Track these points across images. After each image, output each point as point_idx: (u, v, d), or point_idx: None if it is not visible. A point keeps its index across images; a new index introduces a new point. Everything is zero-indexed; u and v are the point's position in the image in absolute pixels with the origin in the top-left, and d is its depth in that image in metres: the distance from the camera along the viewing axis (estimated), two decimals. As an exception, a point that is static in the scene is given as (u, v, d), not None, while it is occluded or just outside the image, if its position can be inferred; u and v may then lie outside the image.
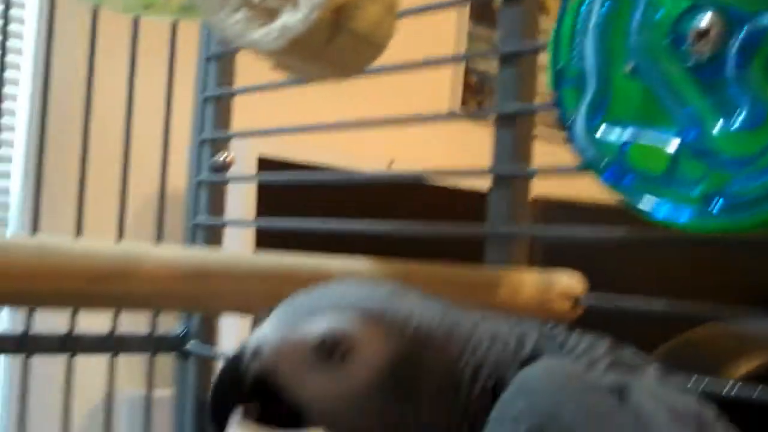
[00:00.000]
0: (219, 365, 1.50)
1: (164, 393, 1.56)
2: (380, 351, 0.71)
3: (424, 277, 0.96)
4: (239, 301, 0.83)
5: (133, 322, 1.66)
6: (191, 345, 1.54)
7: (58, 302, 0.75)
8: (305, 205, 1.47)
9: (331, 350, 0.72)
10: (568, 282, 1.05)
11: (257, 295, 0.85)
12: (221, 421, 0.75)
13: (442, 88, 3.39)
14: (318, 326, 0.72)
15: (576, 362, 0.74)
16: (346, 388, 0.72)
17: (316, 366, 0.72)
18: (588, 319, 1.03)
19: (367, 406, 0.72)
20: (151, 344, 1.53)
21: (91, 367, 1.57)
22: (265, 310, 0.82)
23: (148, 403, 1.52)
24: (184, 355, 1.54)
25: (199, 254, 0.81)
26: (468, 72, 3.43)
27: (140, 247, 0.79)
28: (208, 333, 1.55)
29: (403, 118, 1.28)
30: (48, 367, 2.27)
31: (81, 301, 0.76)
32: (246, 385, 0.73)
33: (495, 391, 0.71)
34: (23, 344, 1.40)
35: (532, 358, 0.72)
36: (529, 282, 1.02)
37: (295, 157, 2.24)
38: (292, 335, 0.73)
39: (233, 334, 1.86)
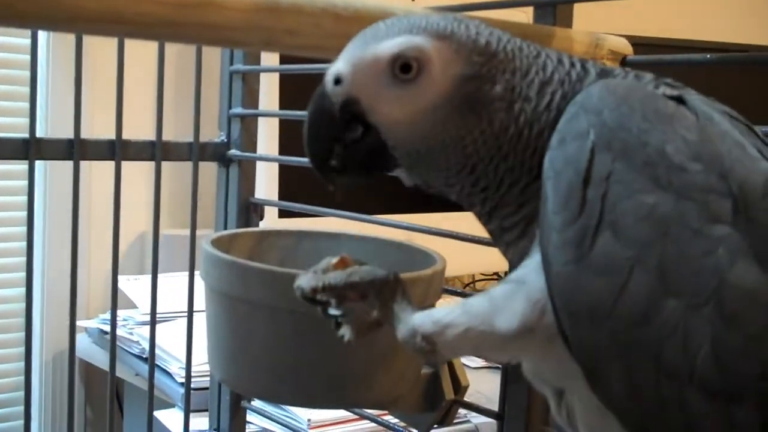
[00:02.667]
0: (259, 171, 1.55)
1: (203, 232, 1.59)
2: (451, 64, 0.75)
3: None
4: (313, 38, 0.85)
5: (176, 132, 1.70)
6: (232, 152, 1.57)
7: (144, 28, 0.77)
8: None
9: (405, 66, 0.75)
10: (617, 42, 1.08)
11: (330, 34, 0.87)
12: (321, 156, 0.80)
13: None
14: (391, 45, 0.75)
15: (632, 81, 0.77)
16: (421, 101, 0.75)
17: (392, 83, 0.76)
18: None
19: (440, 118, 0.75)
20: (195, 151, 1.55)
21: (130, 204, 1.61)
22: (336, 50, 0.84)
23: (194, 207, 1.56)
24: (226, 162, 1.58)
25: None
26: None
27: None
28: (247, 140, 1.58)
29: None
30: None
31: (166, 28, 0.78)
32: (335, 113, 0.77)
33: (560, 109, 0.75)
34: (72, 150, 1.43)
35: (588, 83, 0.76)
36: (579, 39, 1.05)
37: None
38: (367, 56, 0.76)
39: (267, 141, 1.90)
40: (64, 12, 0.77)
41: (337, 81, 0.77)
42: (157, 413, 1.94)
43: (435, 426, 1.27)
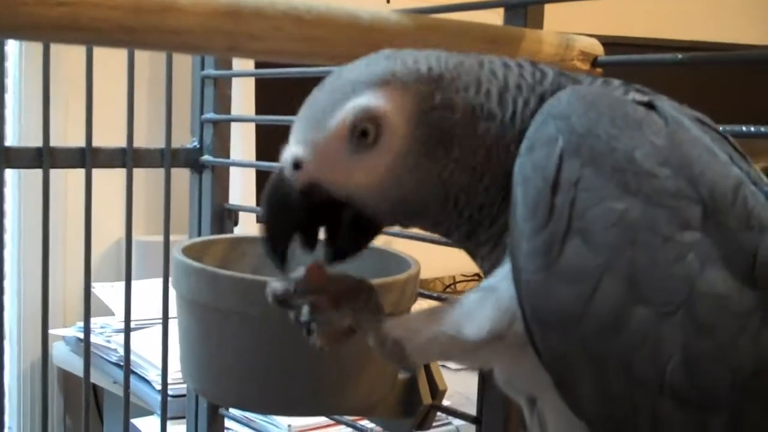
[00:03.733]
0: (231, 175, 1.53)
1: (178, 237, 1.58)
2: (405, 106, 0.72)
3: (449, 30, 0.98)
4: (276, 42, 0.84)
5: (149, 138, 1.68)
6: (205, 157, 1.56)
7: (103, 35, 0.76)
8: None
9: (363, 132, 0.72)
10: (588, 43, 1.08)
11: (294, 38, 0.86)
12: (282, 253, 0.76)
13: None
14: (342, 117, 0.72)
15: (600, 88, 0.76)
16: (389, 160, 0.72)
17: (354, 151, 0.72)
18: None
19: (411, 164, 0.73)
20: (167, 158, 1.54)
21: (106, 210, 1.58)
22: (299, 54, 0.83)
23: (167, 214, 1.55)
24: (199, 168, 1.56)
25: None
26: None
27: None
28: (220, 145, 1.56)
29: None
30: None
31: (125, 34, 0.76)
32: (296, 199, 0.74)
33: (524, 117, 0.73)
34: (42, 158, 1.41)
35: (554, 89, 0.74)
36: (549, 41, 1.04)
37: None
38: (321, 136, 0.73)
39: (243, 146, 1.88)
40: (21, 20, 0.75)
41: (296, 165, 0.73)
42: (135, 420, 1.92)
43: (413, 431, 1.26)
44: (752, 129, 0.90)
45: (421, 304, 1.17)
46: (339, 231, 0.77)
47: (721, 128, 0.75)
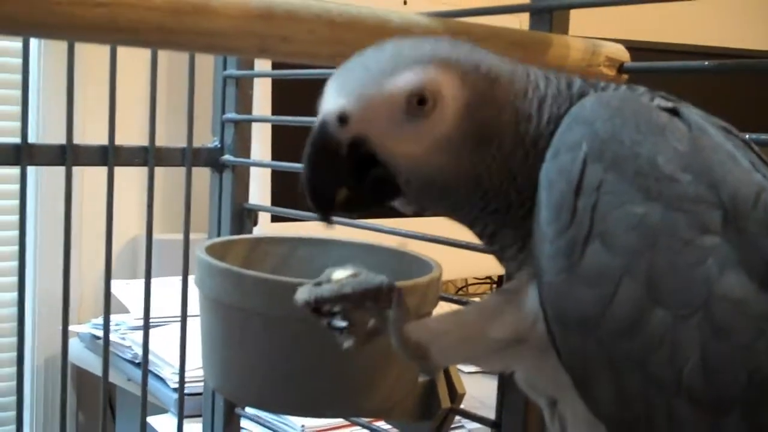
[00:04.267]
0: (251, 176, 1.54)
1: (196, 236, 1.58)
2: (460, 95, 0.73)
3: (480, 33, 0.98)
4: (307, 45, 0.85)
5: (170, 137, 1.69)
6: (226, 157, 1.56)
7: (138, 35, 0.77)
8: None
9: (420, 103, 0.72)
10: (614, 49, 1.08)
11: (325, 41, 0.86)
12: (327, 199, 0.76)
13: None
14: (406, 81, 0.72)
15: (625, 93, 0.77)
16: (436, 135, 0.73)
17: (406, 119, 0.73)
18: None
19: (455, 149, 0.74)
20: (188, 157, 1.54)
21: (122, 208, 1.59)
22: (328, 57, 0.83)
23: (187, 212, 1.55)
24: (220, 167, 1.57)
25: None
26: None
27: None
28: (241, 145, 1.57)
29: None
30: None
31: (160, 35, 0.77)
32: (342, 154, 0.73)
33: (556, 123, 0.74)
34: (65, 155, 1.42)
35: (580, 96, 0.75)
36: (576, 46, 1.05)
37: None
38: (379, 93, 0.72)
39: (260, 146, 1.89)
40: (56, 20, 0.75)
41: (342, 120, 0.72)
42: (150, 419, 1.93)
43: (431, 433, 1.27)
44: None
45: (442, 307, 1.18)
46: (362, 192, 0.76)
47: (747, 136, 0.75)
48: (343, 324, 0.82)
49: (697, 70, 1.01)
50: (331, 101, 0.73)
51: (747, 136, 0.90)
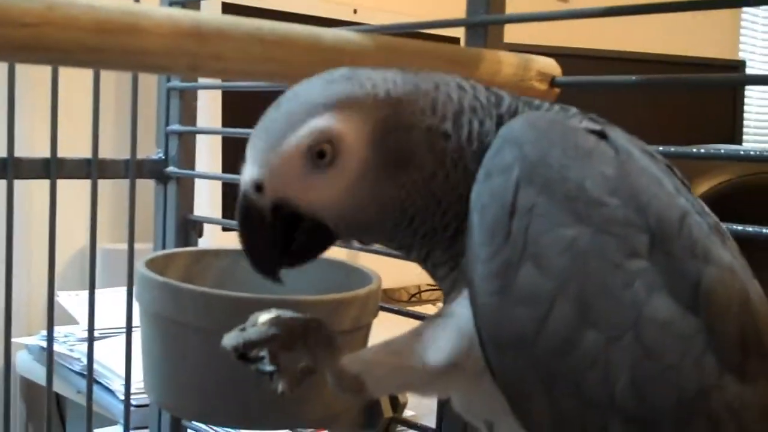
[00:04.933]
0: (198, 186, 1.54)
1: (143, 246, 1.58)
2: (363, 129, 0.73)
3: (410, 51, 0.99)
4: (239, 63, 0.86)
5: (115, 148, 1.68)
6: (170, 169, 1.56)
7: (67, 54, 0.77)
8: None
9: (320, 153, 0.73)
10: (546, 63, 1.10)
11: (257, 59, 0.87)
12: (272, 269, 0.78)
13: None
14: (299, 138, 0.73)
15: (554, 115, 0.78)
16: (348, 178, 0.74)
17: (313, 170, 0.74)
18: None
19: (371, 184, 0.74)
20: (131, 169, 1.54)
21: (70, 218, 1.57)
22: (261, 74, 0.84)
23: (131, 224, 1.55)
24: (164, 179, 1.57)
25: (200, 15, 0.83)
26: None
27: (143, 5, 0.81)
28: (185, 157, 1.57)
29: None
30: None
31: (89, 55, 0.77)
32: (267, 219, 0.75)
33: (481, 139, 0.75)
34: (6, 169, 1.41)
35: (511, 113, 0.76)
36: (508, 61, 1.07)
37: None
38: (279, 156, 0.74)
39: (209, 157, 1.89)
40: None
41: (258, 188, 0.74)
42: (99, 431, 1.91)
43: (374, 443, 1.28)
44: (702, 150, 0.93)
45: (383, 319, 1.19)
46: (296, 238, 0.78)
47: (673, 148, 0.77)
48: (271, 368, 0.82)
49: (626, 84, 1.03)
50: (247, 170, 0.75)
51: (674, 147, 0.93)
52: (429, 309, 2.61)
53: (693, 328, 0.67)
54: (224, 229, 2.17)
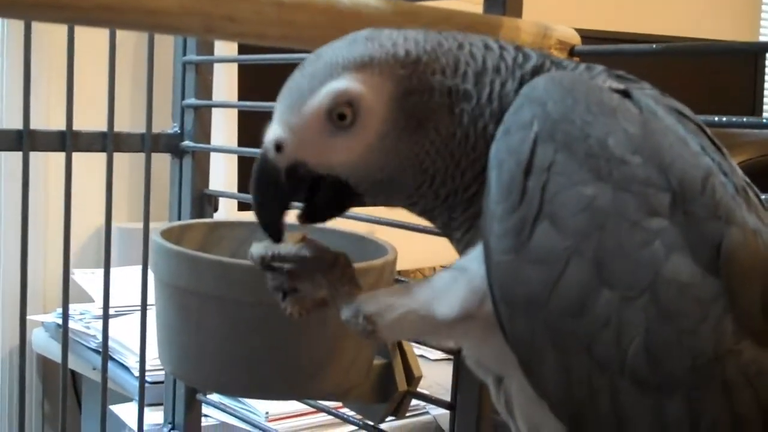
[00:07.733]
0: (213, 161, 1.54)
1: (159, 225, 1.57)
2: (382, 90, 0.73)
3: (428, 17, 0.98)
4: (254, 25, 0.85)
5: (131, 123, 1.68)
6: (186, 143, 1.56)
7: (81, 13, 0.76)
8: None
9: (340, 115, 0.73)
10: (565, 32, 1.09)
11: (272, 21, 0.86)
12: (275, 230, 0.79)
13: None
14: (320, 100, 0.73)
15: (579, 74, 0.77)
16: (367, 139, 0.74)
17: (333, 132, 0.74)
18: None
19: (391, 144, 0.74)
20: (147, 143, 1.54)
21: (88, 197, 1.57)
22: (277, 38, 0.83)
23: (147, 199, 1.55)
24: (179, 153, 1.57)
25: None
26: None
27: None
28: (201, 131, 1.57)
29: None
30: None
31: (103, 13, 0.77)
32: (281, 180, 0.76)
33: (502, 98, 0.74)
34: (21, 140, 1.41)
35: (534, 72, 0.75)
36: (526, 29, 1.05)
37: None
38: (301, 118, 0.74)
39: (225, 131, 1.88)
40: (-1, -3, 0.75)
41: (278, 148, 0.75)
42: (114, 407, 1.92)
43: (389, 416, 1.27)
44: (723, 119, 0.91)
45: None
46: (319, 194, 0.78)
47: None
48: (286, 283, 0.82)
49: (646, 53, 1.01)
50: (271, 130, 0.76)
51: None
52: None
53: (712, 291, 0.66)
54: (240, 208, 2.17)
